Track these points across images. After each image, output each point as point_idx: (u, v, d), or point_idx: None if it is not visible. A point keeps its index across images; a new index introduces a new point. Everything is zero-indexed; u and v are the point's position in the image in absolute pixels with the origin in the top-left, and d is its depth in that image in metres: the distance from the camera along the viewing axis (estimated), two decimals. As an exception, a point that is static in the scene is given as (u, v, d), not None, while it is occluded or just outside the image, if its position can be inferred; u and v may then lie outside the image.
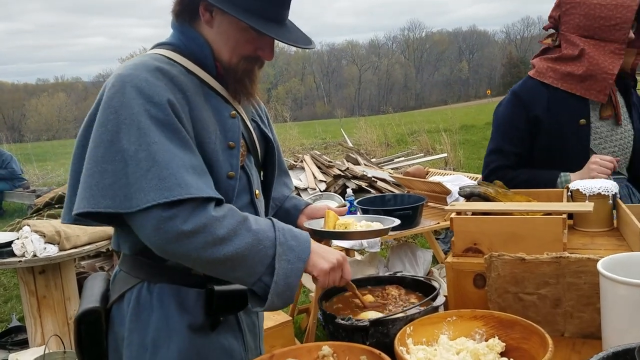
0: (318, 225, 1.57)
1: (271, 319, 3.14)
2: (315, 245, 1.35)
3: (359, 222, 1.57)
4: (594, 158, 1.96)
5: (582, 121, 2.03)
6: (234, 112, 1.38)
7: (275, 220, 1.32)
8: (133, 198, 1.16)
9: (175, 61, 1.32)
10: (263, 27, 1.27)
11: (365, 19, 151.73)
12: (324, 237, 1.43)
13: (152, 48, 1.39)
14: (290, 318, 3.27)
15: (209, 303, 1.34)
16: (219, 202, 1.24)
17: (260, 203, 1.51)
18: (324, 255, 1.33)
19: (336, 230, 1.52)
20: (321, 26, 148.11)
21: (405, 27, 76.70)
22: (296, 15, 1.39)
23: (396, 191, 5.27)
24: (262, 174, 1.59)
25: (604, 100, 2.03)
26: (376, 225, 1.53)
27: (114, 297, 1.37)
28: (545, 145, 2.09)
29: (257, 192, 1.48)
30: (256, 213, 1.46)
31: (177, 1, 1.36)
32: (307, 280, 3.73)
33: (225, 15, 1.29)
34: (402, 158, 8.74)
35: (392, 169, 7.17)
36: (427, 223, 3.52)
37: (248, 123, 1.46)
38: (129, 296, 1.34)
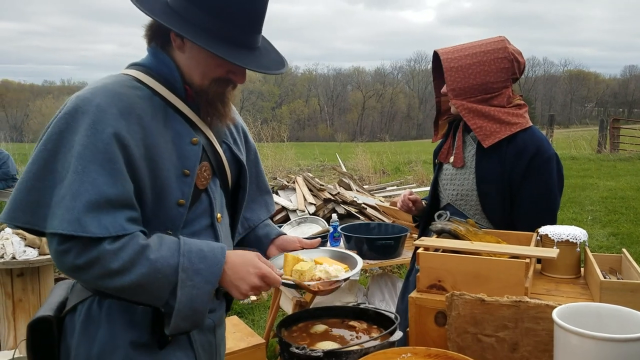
0: (279, 263, 1.55)
1: (244, 340, 3.11)
2: (231, 260, 1.32)
3: (322, 263, 1.53)
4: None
5: (436, 161, 2.32)
6: (195, 138, 1.39)
7: (184, 241, 1.30)
8: (47, 220, 1.21)
9: (143, 83, 1.34)
10: (231, 54, 1.28)
11: (373, 48, 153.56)
12: None
13: (127, 67, 1.41)
14: (264, 341, 3.24)
15: (156, 321, 1.34)
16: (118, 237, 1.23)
17: (223, 226, 1.50)
18: (242, 275, 1.32)
19: (289, 279, 1.47)
20: (329, 50, 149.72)
21: (412, 58, 77.44)
22: (304, 39, 1.40)
23: (385, 219, 5.28)
24: (239, 193, 1.60)
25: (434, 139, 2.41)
26: (334, 269, 1.50)
27: (68, 307, 1.38)
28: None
29: (219, 215, 1.47)
30: (216, 236, 1.45)
31: (147, 27, 1.39)
32: (285, 302, 3.71)
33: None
34: (395, 187, 8.75)
35: (383, 196, 7.18)
36: (409, 254, 3.51)
37: (217, 146, 1.47)
38: (81, 308, 1.35)
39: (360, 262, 1.55)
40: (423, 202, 2.43)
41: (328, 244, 3.54)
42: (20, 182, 1.25)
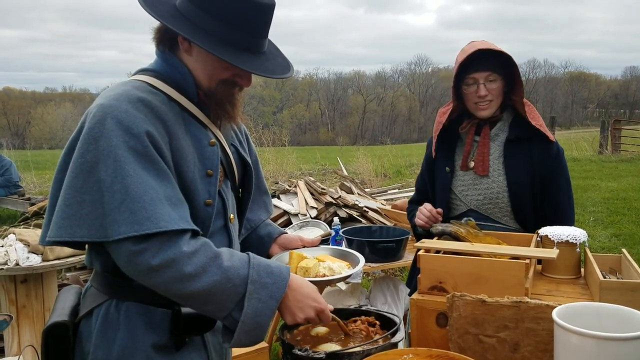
0: (284, 260, 1.58)
1: (247, 344, 3.11)
2: (295, 283, 1.34)
3: (325, 261, 1.56)
4: (423, 206, 2.21)
5: (447, 169, 2.26)
6: (213, 140, 1.41)
7: (252, 255, 1.33)
8: (108, 229, 1.20)
9: (157, 89, 1.35)
10: (237, 59, 1.30)
11: (374, 51, 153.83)
12: None
13: (135, 73, 1.43)
14: (267, 345, 3.24)
15: (175, 323, 1.36)
16: (194, 233, 1.26)
17: (234, 227, 1.53)
18: (302, 305, 1.33)
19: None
20: (330, 55, 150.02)
21: (412, 62, 77.32)
22: (305, 44, 1.42)
23: (387, 222, 5.28)
24: (240, 194, 1.62)
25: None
26: (337, 266, 1.52)
27: (83, 312, 1.39)
28: (430, 185, 2.38)
29: (231, 216, 1.50)
30: (229, 237, 1.48)
31: (156, 30, 1.41)
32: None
33: None
34: (396, 190, 8.76)
35: (385, 200, 7.18)
36: (411, 257, 3.52)
37: (227, 148, 1.49)
38: (97, 312, 1.36)
39: (362, 258, 1.57)
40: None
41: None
42: (68, 198, 1.23)
